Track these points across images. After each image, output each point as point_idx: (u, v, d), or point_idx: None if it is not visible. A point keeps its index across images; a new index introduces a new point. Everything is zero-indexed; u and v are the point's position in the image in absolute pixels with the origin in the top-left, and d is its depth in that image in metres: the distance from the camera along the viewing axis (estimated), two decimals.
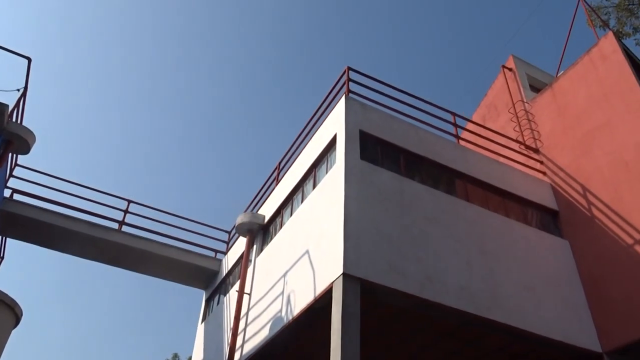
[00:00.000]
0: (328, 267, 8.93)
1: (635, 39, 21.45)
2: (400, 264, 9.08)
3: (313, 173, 11.58)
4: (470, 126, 14.89)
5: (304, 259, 10.15)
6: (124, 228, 14.81)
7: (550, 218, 12.53)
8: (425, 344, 10.72)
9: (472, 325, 9.69)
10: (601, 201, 11.56)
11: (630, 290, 10.24)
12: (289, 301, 10.16)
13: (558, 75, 14.66)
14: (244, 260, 12.76)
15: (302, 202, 11.55)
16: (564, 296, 10.84)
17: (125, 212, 15.04)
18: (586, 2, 16.83)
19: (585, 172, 12.26)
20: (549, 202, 12.68)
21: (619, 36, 14.99)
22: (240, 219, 13.33)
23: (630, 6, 20.98)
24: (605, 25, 19.17)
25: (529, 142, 14.13)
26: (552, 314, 10.27)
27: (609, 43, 12.90)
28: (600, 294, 10.83)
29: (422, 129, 11.93)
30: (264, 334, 10.79)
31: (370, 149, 10.70)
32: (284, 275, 10.82)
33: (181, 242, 15.55)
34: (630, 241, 10.58)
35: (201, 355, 14.96)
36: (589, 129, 12.46)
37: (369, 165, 10.25)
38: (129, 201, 15.25)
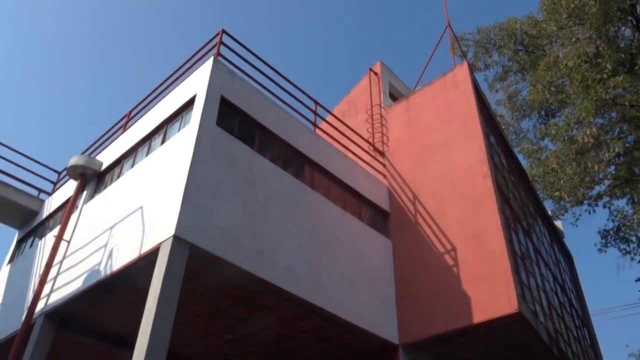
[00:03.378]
0: (159, 226, 8.64)
1: (484, 75, 23.95)
2: (234, 236, 9.11)
3: (164, 129, 11.08)
4: (329, 118, 15.38)
5: (136, 214, 9.68)
6: None
7: (381, 218, 13.51)
8: (242, 318, 10.89)
9: (292, 305, 10.09)
10: (426, 211, 12.74)
11: (432, 292, 11.49)
12: (110, 255, 9.63)
13: (415, 89, 15.80)
14: (69, 205, 11.77)
15: (146, 155, 10.99)
16: (377, 290, 11.79)
17: None
18: (452, 31, 18.34)
19: (418, 182, 13.41)
20: (383, 203, 13.65)
21: (472, 68, 16.55)
22: (74, 160, 12.24)
23: (487, 45, 23.34)
24: (463, 55, 21.04)
25: (378, 145, 15.05)
26: (363, 304, 11.12)
27: (462, 72, 14.22)
28: (407, 293, 11.98)
29: (283, 109, 12.04)
30: (76, 285, 10.11)
31: (228, 117, 10.53)
32: (111, 228, 10.22)
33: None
34: (442, 249, 11.84)
35: (0, 299, 13.55)
36: (430, 145, 13.64)
37: (224, 133, 10.09)
38: None
